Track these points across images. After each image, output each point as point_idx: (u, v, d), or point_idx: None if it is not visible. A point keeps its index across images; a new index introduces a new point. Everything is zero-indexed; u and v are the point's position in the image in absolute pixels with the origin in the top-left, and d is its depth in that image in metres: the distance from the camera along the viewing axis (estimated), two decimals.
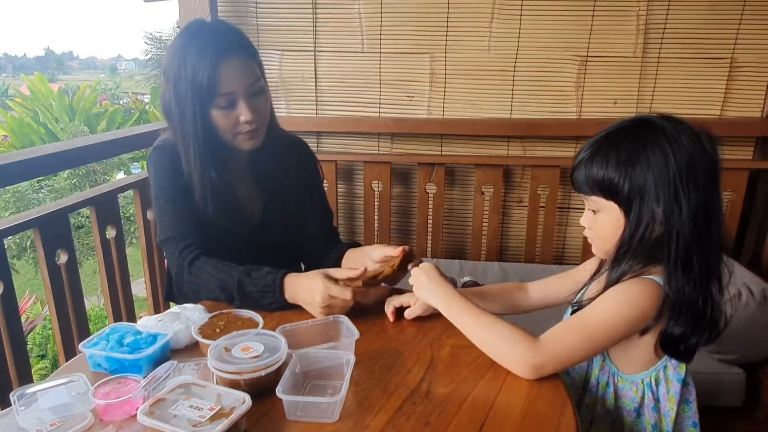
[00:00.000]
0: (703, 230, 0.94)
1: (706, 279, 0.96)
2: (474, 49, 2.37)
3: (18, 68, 73.01)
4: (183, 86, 1.23)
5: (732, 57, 2.28)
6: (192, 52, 1.22)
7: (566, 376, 1.11)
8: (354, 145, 2.56)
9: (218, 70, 1.21)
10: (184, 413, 0.81)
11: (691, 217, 0.92)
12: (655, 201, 0.94)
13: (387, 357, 1.06)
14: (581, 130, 2.39)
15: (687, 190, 0.92)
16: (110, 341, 1.02)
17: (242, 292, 1.21)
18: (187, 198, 1.33)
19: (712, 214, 0.95)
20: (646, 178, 0.94)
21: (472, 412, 0.90)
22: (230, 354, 0.94)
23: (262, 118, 1.32)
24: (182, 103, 1.24)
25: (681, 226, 0.93)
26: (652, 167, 0.93)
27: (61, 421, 0.85)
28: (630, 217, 0.97)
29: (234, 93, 1.24)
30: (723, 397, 1.79)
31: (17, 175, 1.59)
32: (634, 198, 0.95)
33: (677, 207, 0.92)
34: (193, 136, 1.26)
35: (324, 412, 0.87)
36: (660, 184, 0.93)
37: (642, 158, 0.94)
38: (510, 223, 2.56)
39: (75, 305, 1.69)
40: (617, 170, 0.96)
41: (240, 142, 1.32)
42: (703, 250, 0.95)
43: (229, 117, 1.26)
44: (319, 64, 2.45)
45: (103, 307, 5.32)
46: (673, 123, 0.96)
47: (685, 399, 1.05)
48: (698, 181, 0.93)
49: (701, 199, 0.93)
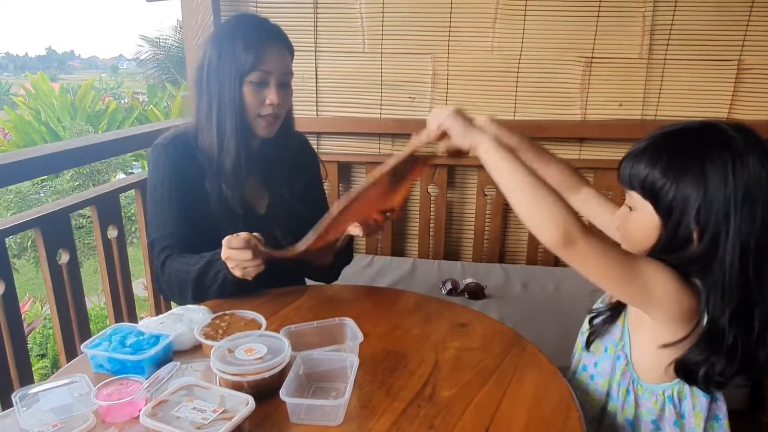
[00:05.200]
0: (750, 265, 0.85)
1: (749, 318, 0.87)
2: (477, 49, 2.36)
3: (20, 67, 73.14)
4: (229, 57, 1.32)
5: (740, 59, 2.27)
6: (245, 32, 1.33)
7: (590, 380, 1.07)
8: (354, 146, 2.55)
9: (264, 49, 1.32)
10: (187, 415, 0.80)
11: (738, 245, 0.84)
12: (695, 219, 0.86)
13: (391, 359, 1.05)
14: (585, 132, 2.38)
15: (740, 212, 0.83)
16: (112, 342, 1.01)
17: (197, 276, 1.26)
18: (179, 195, 1.37)
19: (764, 249, 0.85)
20: (694, 190, 0.85)
21: (477, 415, 0.90)
22: (233, 355, 0.93)
23: (283, 108, 1.40)
24: (225, 73, 1.32)
25: (724, 253, 0.85)
26: (707, 181, 0.85)
27: (63, 423, 0.85)
28: (667, 227, 0.89)
29: (270, 73, 1.34)
30: (728, 400, 1.77)
31: (19, 174, 1.58)
32: (675, 208, 0.88)
33: (725, 231, 0.84)
34: (231, 105, 1.33)
35: (328, 415, 0.87)
36: (710, 202, 0.85)
37: (697, 168, 0.86)
38: (512, 224, 2.55)
39: (76, 305, 1.69)
40: (665, 174, 0.88)
41: (258, 126, 1.38)
42: (745, 285, 0.85)
43: (257, 95, 1.34)
44: (319, 65, 2.45)
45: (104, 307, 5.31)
46: (747, 137, 0.86)
47: (714, 415, 0.98)
48: (756, 209, 0.84)
49: (756, 230, 0.84)
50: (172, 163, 1.37)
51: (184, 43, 2.40)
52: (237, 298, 1.27)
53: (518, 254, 2.57)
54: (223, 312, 1.14)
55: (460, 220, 2.58)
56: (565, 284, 2.20)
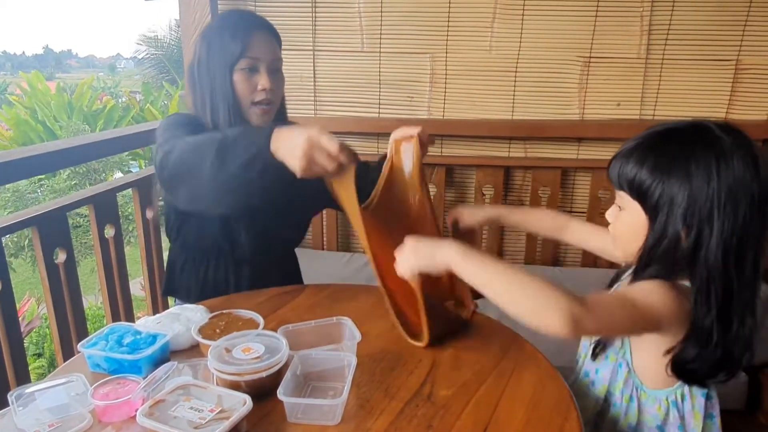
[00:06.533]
0: (733, 261, 0.86)
1: (728, 315, 0.88)
2: (475, 49, 2.35)
3: (17, 66, 72.95)
4: (218, 50, 1.32)
5: (737, 59, 2.27)
6: (230, 24, 1.34)
7: (591, 386, 1.06)
8: (353, 146, 2.50)
9: (250, 37, 1.32)
10: (184, 415, 0.80)
11: (721, 244, 0.85)
12: (682, 218, 0.87)
13: (389, 359, 1.05)
14: (584, 131, 2.38)
15: (723, 214, 0.85)
16: (109, 341, 1.01)
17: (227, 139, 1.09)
18: None
19: (749, 243, 0.87)
20: (680, 189, 0.87)
21: (475, 415, 0.89)
22: (231, 355, 0.93)
23: (276, 95, 1.39)
24: (215, 66, 1.32)
25: (708, 251, 0.86)
26: (691, 181, 0.86)
27: (60, 422, 0.85)
28: (654, 226, 0.91)
29: (259, 60, 1.33)
30: (725, 400, 1.76)
31: (16, 173, 1.58)
32: (662, 208, 0.89)
33: (708, 229, 0.86)
34: (222, 96, 1.33)
35: (325, 415, 0.86)
36: (693, 201, 0.86)
37: (682, 168, 0.87)
38: None
39: (73, 304, 1.68)
40: (652, 174, 0.89)
41: (252, 115, 1.37)
42: (728, 283, 0.87)
43: (248, 82, 1.33)
44: (317, 64, 2.44)
45: (101, 306, 5.30)
46: (733, 138, 0.88)
47: (709, 413, 0.99)
48: (739, 208, 0.85)
49: (737, 228, 0.85)
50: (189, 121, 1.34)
51: (182, 42, 2.39)
52: (235, 298, 1.27)
53: (517, 254, 2.57)
54: (221, 311, 1.14)
55: None
56: (564, 284, 2.18)
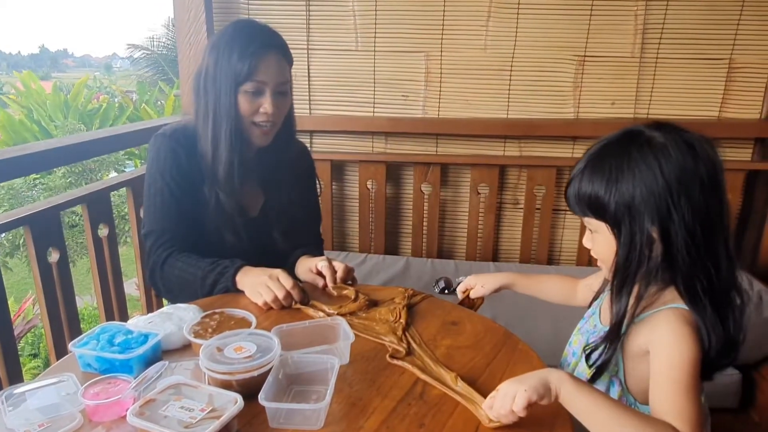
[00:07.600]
0: (704, 245, 0.87)
1: (716, 297, 0.89)
2: (470, 48, 2.35)
3: (12, 66, 72.59)
4: (225, 67, 1.31)
5: (730, 58, 2.28)
6: (241, 39, 1.32)
7: None
8: (347, 145, 2.54)
9: (259, 59, 1.32)
10: (175, 414, 0.79)
11: (687, 233, 0.86)
12: (648, 219, 0.88)
13: (381, 358, 1.05)
14: (578, 130, 2.38)
15: (679, 203, 0.86)
16: (100, 341, 1.00)
17: (204, 275, 1.30)
18: (178, 190, 1.37)
19: (713, 227, 0.88)
20: (633, 194, 0.88)
21: (467, 413, 0.89)
22: (222, 354, 0.93)
23: (278, 117, 1.39)
24: (221, 82, 1.32)
25: (678, 243, 0.87)
26: (638, 183, 0.88)
27: (50, 422, 0.84)
28: (621, 238, 0.91)
29: (265, 84, 1.34)
30: (718, 398, 1.79)
31: (10, 171, 1.57)
32: (622, 217, 0.90)
33: (672, 224, 0.87)
34: (226, 114, 1.33)
35: (308, 419, 0.85)
36: (649, 200, 0.87)
37: (627, 174, 0.89)
38: (505, 223, 2.55)
39: (66, 304, 1.67)
40: (603, 188, 0.91)
41: (253, 134, 1.38)
42: (706, 270, 0.88)
43: (252, 104, 1.34)
44: (312, 63, 2.43)
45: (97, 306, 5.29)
46: (664, 132, 0.90)
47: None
48: (692, 193, 0.86)
49: (698, 212, 0.87)
50: (173, 157, 1.37)
51: (177, 41, 2.38)
52: (227, 297, 1.27)
53: (512, 253, 2.57)
54: (213, 311, 1.13)
55: (454, 218, 2.57)
56: None
